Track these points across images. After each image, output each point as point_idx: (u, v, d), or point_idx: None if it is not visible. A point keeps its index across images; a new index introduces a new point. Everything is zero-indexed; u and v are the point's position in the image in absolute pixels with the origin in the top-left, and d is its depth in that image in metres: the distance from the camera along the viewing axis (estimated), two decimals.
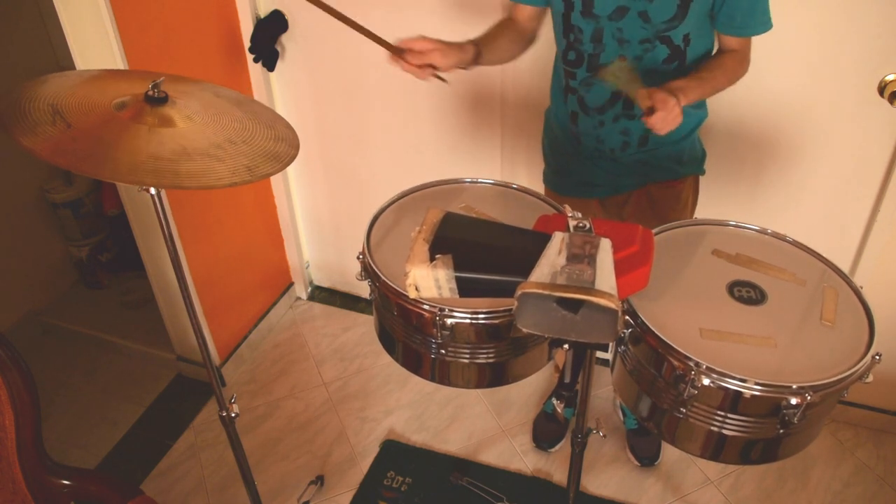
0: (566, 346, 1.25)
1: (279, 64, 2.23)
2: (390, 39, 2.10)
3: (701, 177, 1.70)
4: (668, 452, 2.08)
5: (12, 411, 1.27)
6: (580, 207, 1.69)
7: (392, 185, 1.43)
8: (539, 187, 1.73)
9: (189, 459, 2.13)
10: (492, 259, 0.97)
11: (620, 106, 1.50)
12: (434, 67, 1.34)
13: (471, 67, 1.42)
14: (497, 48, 1.50)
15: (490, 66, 1.94)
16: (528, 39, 1.58)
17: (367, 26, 2.12)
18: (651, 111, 1.25)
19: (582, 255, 0.92)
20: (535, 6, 1.52)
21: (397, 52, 1.35)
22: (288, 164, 1.20)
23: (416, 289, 0.95)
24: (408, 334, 1.22)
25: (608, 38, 1.42)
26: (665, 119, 1.24)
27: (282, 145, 1.23)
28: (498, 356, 1.20)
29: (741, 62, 1.47)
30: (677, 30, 1.39)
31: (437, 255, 0.94)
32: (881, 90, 1.62)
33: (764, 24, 1.42)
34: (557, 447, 2.11)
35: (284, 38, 2.18)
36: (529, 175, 2.10)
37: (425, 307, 1.13)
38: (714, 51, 1.50)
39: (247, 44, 2.14)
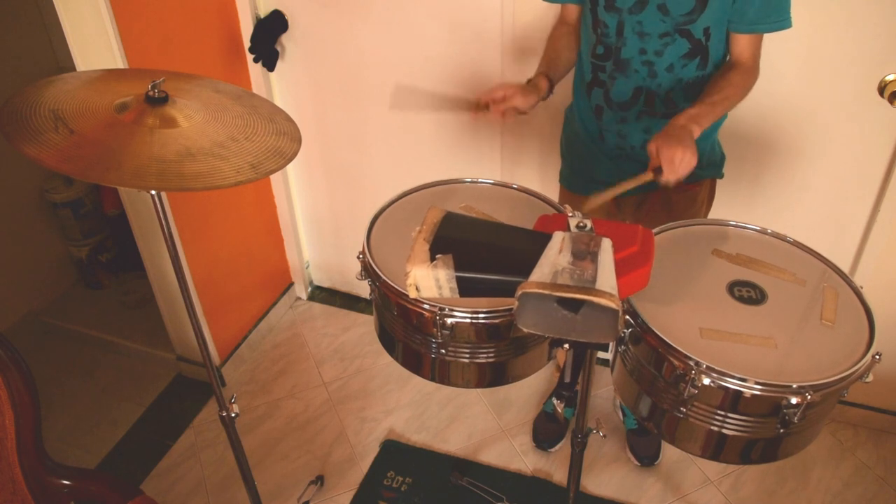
0: (566, 345, 1.25)
1: (279, 64, 2.23)
2: (390, 39, 2.11)
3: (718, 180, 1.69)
4: (668, 452, 2.08)
5: (12, 411, 1.27)
6: (595, 209, 1.70)
7: (392, 185, 1.43)
8: (540, 186, 1.73)
9: (189, 459, 2.13)
10: (492, 259, 0.97)
11: (643, 103, 1.50)
12: (517, 108, 1.44)
13: (547, 97, 1.51)
14: (562, 64, 1.57)
15: (489, 65, 1.96)
16: (579, 36, 1.60)
17: (364, 26, 2.13)
18: (659, 171, 1.26)
19: (582, 255, 0.92)
20: (579, 3, 1.55)
21: (482, 106, 1.44)
22: (291, 158, 1.20)
23: (417, 288, 0.95)
24: (408, 334, 1.22)
25: (629, 32, 1.43)
26: (676, 174, 1.25)
27: (284, 140, 1.23)
28: (498, 356, 1.20)
29: (749, 73, 1.44)
30: (697, 23, 1.38)
31: (438, 255, 0.94)
32: (881, 90, 1.62)
33: (779, 21, 1.40)
34: (557, 447, 2.11)
35: (284, 38, 2.18)
36: (529, 175, 2.10)
37: (425, 307, 1.13)
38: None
39: (247, 44, 2.14)
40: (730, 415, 1.05)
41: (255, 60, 2.13)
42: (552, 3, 1.62)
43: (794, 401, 0.99)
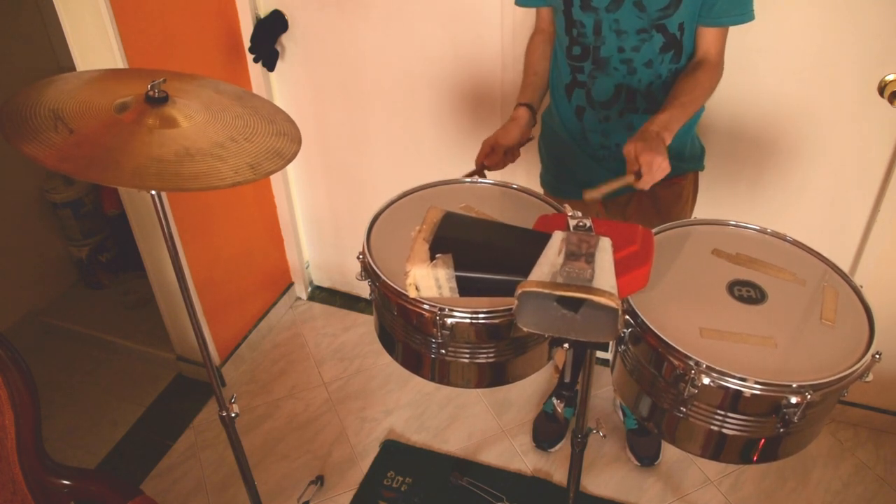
0: (566, 345, 1.25)
1: (279, 64, 2.23)
2: (390, 39, 2.11)
3: (700, 173, 1.70)
4: (668, 452, 2.08)
5: (12, 411, 1.27)
6: (583, 209, 1.70)
7: (392, 185, 1.43)
8: (538, 187, 1.73)
9: (189, 459, 2.13)
10: (492, 258, 0.97)
11: (625, 100, 1.51)
12: (512, 150, 1.55)
13: (534, 124, 1.59)
14: (542, 79, 1.62)
15: (489, 65, 1.97)
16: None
17: (364, 27, 2.13)
18: (638, 175, 1.26)
19: (582, 255, 0.92)
20: (551, 6, 1.55)
21: (481, 172, 1.53)
22: (290, 160, 1.20)
23: (417, 288, 0.95)
24: (408, 334, 1.22)
25: (606, 30, 1.44)
26: (653, 179, 1.26)
27: (284, 140, 1.23)
28: (498, 356, 1.20)
29: (714, 70, 1.46)
30: (672, 18, 1.40)
31: (438, 255, 0.94)
32: (881, 90, 1.62)
33: (742, 15, 1.42)
34: (557, 447, 2.11)
35: (284, 38, 2.18)
36: (529, 175, 2.10)
37: (425, 307, 1.13)
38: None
39: (247, 44, 2.14)
40: (730, 414, 1.05)
41: (255, 60, 2.13)
42: (525, 8, 1.64)
43: (794, 400, 0.99)
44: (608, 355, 1.25)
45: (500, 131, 1.55)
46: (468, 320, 1.13)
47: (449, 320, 1.12)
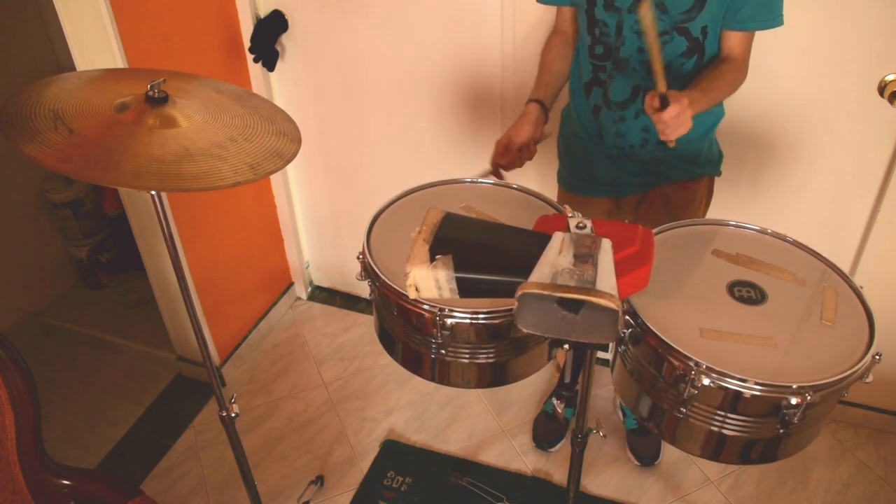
0: (566, 346, 1.25)
1: (279, 64, 2.23)
2: (390, 39, 2.11)
3: (717, 178, 1.70)
4: (668, 452, 2.08)
5: (12, 411, 1.26)
6: (596, 207, 1.70)
7: (392, 185, 1.43)
8: (539, 187, 1.72)
9: (189, 459, 2.13)
10: (492, 259, 0.97)
11: (641, 102, 1.50)
12: (527, 146, 1.54)
13: (546, 121, 1.58)
14: (556, 79, 1.60)
15: (489, 65, 1.96)
16: (573, 45, 1.61)
17: (364, 27, 2.13)
18: (664, 103, 1.23)
19: (582, 256, 0.92)
20: (573, 6, 1.55)
21: (496, 172, 1.54)
22: (290, 160, 1.20)
23: (417, 289, 0.95)
24: (408, 334, 1.22)
25: (627, 31, 1.43)
26: (678, 117, 1.23)
27: (283, 140, 1.23)
28: (498, 356, 1.20)
29: (740, 69, 1.45)
30: (695, 21, 1.39)
31: (438, 256, 0.93)
32: (881, 90, 1.62)
33: (770, 20, 1.41)
34: (557, 447, 2.11)
35: (284, 38, 2.18)
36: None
37: (425, 307, 1.13)
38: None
39: (247, 44, 2.14)
40: (730, 415, 1.05)
41: (255, 60, 2.13)
42: (546, 5, 1.63)
43: (793, 401, 0.99)
44: (608, 355, 1.25)
45: (511, 129, 1.54)
46: (468, 320, 1.13)
47: (449, 320, 1.12)
